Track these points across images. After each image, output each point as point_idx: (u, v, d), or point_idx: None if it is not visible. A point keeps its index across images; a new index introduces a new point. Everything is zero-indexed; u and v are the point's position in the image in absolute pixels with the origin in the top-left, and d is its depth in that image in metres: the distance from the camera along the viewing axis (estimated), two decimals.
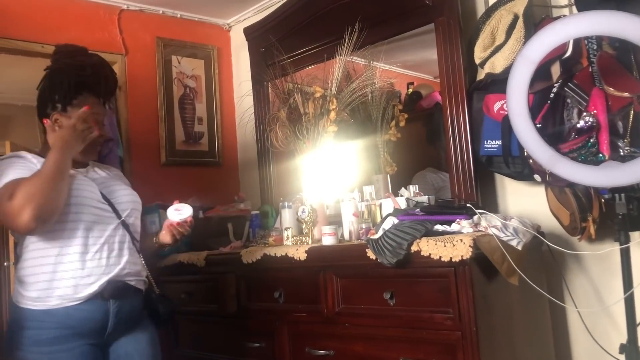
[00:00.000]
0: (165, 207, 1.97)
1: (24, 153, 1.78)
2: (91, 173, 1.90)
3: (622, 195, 1.83)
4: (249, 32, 3.32)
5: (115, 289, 1.75)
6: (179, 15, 3.51)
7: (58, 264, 1.69)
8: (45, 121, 1.83)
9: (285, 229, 2.32)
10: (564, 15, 2.08)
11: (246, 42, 3.34)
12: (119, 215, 1.82)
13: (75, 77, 1.84)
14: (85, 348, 1.69)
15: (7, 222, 1.64)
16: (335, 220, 2.33)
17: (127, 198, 1.89)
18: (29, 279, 1.69)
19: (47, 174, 1.62)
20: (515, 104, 1.80)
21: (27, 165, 1.72)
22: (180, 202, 1.97)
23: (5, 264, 4.91)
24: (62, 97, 1.82)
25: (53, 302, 1.67)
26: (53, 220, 1.64)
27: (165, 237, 1.97)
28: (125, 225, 1.83)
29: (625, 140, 1.78)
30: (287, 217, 2.44)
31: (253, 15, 3.48)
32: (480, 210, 1.92)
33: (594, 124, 1.79)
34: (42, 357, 1.65)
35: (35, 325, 1.66)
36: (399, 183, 2.53)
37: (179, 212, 1.91)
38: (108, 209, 1.81)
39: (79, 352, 1.68)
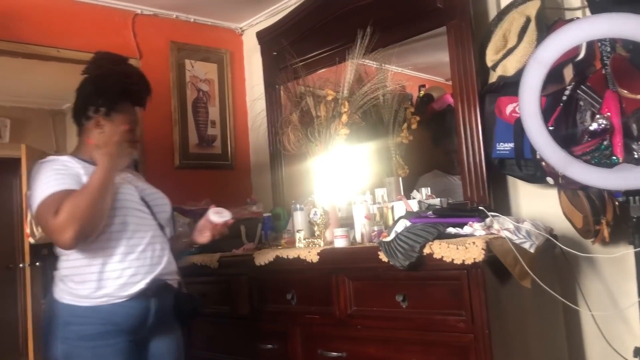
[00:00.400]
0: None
1: (64, 157, 1.83)
2: (129, 177, 1.95)
3: (637, 198, 1.82)
4: (261, 36, 3.34)
5: (157, 287, 1.83)
6: (192, 20, 3.54)
7: (106, 264, 1.75)
8: (86, 123, 1.88)
9: (297, 231, 2.33)
10: (577, 18, 2.08)
11: (259, 46, 3.36)
12: (156, 218, 1.90)
13: (122, 84, 1.90)
14: (126, 344, 1.76)
15: (49, 235, 1.70)
16: (347, 223, 2.33)
17: (162, 201, 1.98)
18: (76, 278, 1.75)
19: (93, 193, 1.68)
20: (528, 106, 1.80)
21: (69, 171, 1.76)
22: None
23: (20, 265, 4.99)
24: (108, 101, 1.87)
25: (100, 300, 1.74)
26: (93, 237, 1.71)
27: (202, 237, 2.05)
28: (161, 226, 1.91)
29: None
30: (299, 219, 2.45)
31: (265, 20, 3.50)
32: (492, 213, 1.91)
33: (608, 127, 1.78)
34: (86, 352, 1.72)
35: (81, 321, 1.73)
36: (410, 185, 2.53)
37: (221, 215, 2.03)
38: (147, 211, 1.88)
39: (120, 348, 1.75)
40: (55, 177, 1.73)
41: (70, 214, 1.62)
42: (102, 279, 1.74)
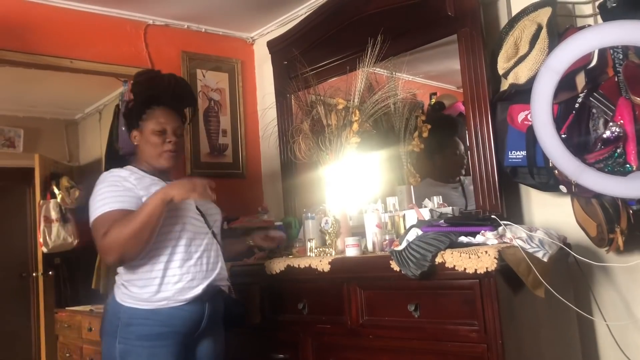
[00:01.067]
0: None
1: (123, 172, 1.92)
2: None
3: None
4: (272, 45, 3.35)
5: (212, 292, 1.95)
6: (203, 30, 3.57)
7: (167, 270, 1.86)
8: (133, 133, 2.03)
9: (309, 240, 2.33)
10: (589, 25, 2.07)
11: (269, 55, 3.38)
12: (209, 226, 2.00)
13: (144, 92, 2.04)
14: (179, 346, 1.87)
15: (98, 251, 1.86)
16: (358, 232, 2.33)
17: (214, 210, 2.08)
18: (138, 283, 1.86)
19: (139, 223, 1.76)
20: (540, 114, 1.79)
21: (125, 188, 1.86)
22: None
23: (34, 274, 5.02)
24: (134, 113, 2.02)
25: (160, 303, 1.85)
26: (135, 260, 1.83)
27: (266, 242, 2.38)
28: (214, 234, 2.01)
29: None
30: (310, 228, 2.45)
31: (276, 29, 3.52)
32: (505, 222, 1.90)
33: (621, 134, 1.76)
34: (144, 351, 1.82)
35: (141, 322, 1.84)
36: (422, 194, 2.52)
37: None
38: (202, 219, 1.99)
39: (173, 350, 1.86)
40: (113, 193, 1.84)
41: (115, 240, 1.76)
42: (163, 283, 1.85)
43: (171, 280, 1.86)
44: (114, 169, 1.95)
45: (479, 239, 1.82)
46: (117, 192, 1.85)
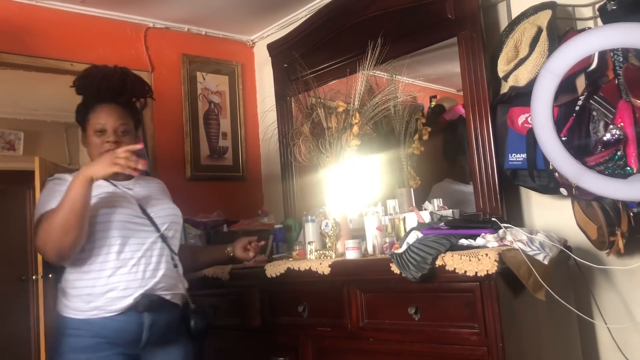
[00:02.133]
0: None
1: (66, 176, 1.84)
2: (135, 186, 1.93)
3: None
4: (272, 48, 3.36)
5: (150, 303, 1.79)
6: (203, 33, 3.57)
7: (97, 278, 1.76)
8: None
9: (309, 243, 2.32)
10: (589, 28, 2.07)
11: (269, 58, 3.38)
12: (157, 229, 1.85)
13: (82, 91, 1.94)
14: (120, 357, 1.75)
15: None
16: (358, 234, 2.32)
17: (167, 212, 1.92)
18: (71, 291, 1.78)
19: (66, 209, 1.67)
20: (540, 116, 1.79)
21: (60, 191, 1.75)
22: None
23: (33, 277, 5.01)
24: (78, 115, 1.94)
25: (91, 313, 1.74)
26: (74, 253, 1.72)
27: (243, 255, 2.30)
28: (164, 238, 1.86)
29: None
30: (310, 231, 2.44)
31: (276, 32, 3.52)
32: (505, 224, 1.90)
33: (621, 137, 1.76)
34: None
35: (74, 332, 1.74)
36: (422, 197, 2.52)
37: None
38: (147, 222, 1.84)
39: None
40: (45, 198, 1.77)
41: (45, 236, 1.68)
42: (93, 293, 1.74)
43: (102, 289, 1.74)
44: (57, 174, 1.87)
45: (479, 241, 1.82)
46: (50, 195, 1.76)
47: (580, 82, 1.92)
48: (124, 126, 1.89)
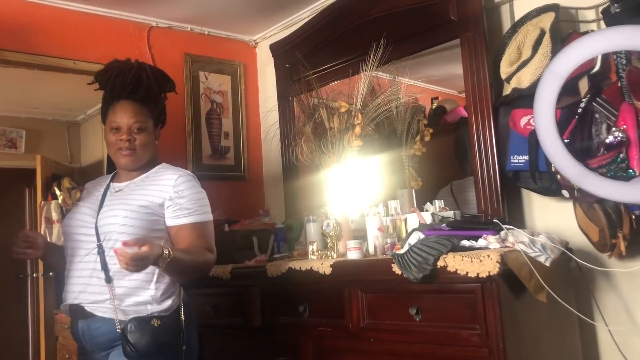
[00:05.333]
0: None
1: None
2: (130, 186, 1.88)
3: None
4: (275, 48, 3.36)
5: (76, 311, 1.80)
6: (206, 32, 3.58)
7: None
8: None
9: (310, 243, 2.32)
10: (592, 30, 2.07)
11: (272, 58, 3.38)
12: (98, 239, 1.76)
13: (102, 86, 1.94)
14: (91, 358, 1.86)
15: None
16: (360, 235, 2.32)
17: (107, 221, 1.77)
18: None
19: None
20: (543, 119, 1.79)
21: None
22: None
23: (34, 275, 5.01)
24: (102, 113, 1.94)
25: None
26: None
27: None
28: (101, 250, 1.75)
29: None
30: (311, 231, 2.44)
31: (279, 32, 3.53)
32: (507, 226, 1.90)
33: (624, 139, 1.76)
34: None
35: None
36: (424, 198, 2.52)
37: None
38: (91, 233, 1.78)
39: None
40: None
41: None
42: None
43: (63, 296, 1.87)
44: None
45: (481, 242, 1.82)
46: None
47: (583, 85, 1.92)
48: (139, 124, 1.85)
